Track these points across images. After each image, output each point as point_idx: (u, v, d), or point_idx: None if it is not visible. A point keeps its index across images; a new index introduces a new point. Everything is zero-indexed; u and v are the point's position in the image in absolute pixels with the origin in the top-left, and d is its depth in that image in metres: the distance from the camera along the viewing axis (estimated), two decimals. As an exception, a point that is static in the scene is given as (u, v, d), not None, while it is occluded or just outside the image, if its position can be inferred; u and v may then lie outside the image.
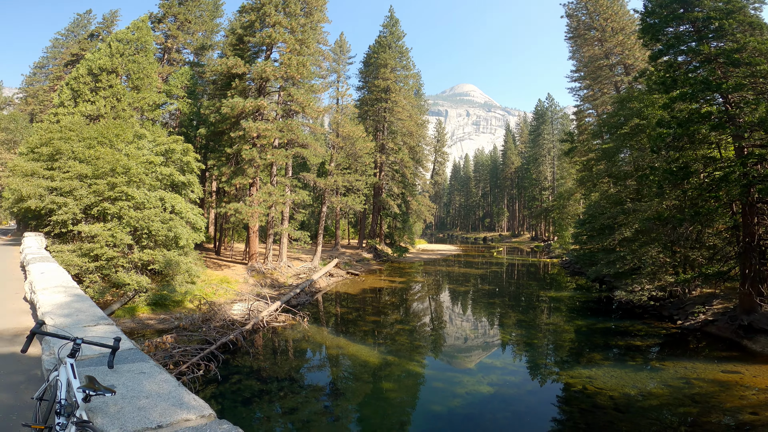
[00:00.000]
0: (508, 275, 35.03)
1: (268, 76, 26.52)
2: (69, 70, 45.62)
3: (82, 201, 16.78)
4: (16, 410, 3.42)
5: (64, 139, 20.28)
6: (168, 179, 21.36)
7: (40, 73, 52.99)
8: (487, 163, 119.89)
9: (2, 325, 5.61)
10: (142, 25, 31.10)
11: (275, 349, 14.45)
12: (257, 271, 26.03)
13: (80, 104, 27.45)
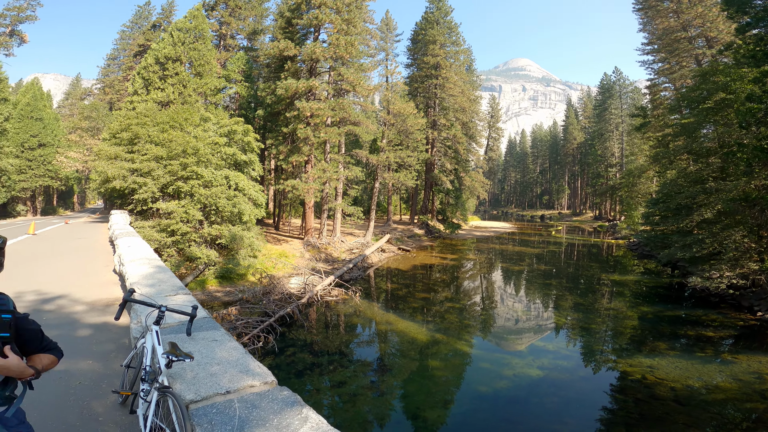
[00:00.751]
0: (566, 256, 33.48)
1: (318, 56, 26.90)
2: (138, 60, 49.22)
3: (159, 180, 18.40)
4: (105, 378, 3.59)
5: (140, 125, 22.17)
6: (231, 158, 22.68)
7: (113, 64, 57.55)
8: (546, 138, 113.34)
9: (95, 296, 6.22)
10: (198, 14, 32.69)
11: (327, 323, 14.99)
12: (312, 245, 27.20)
13: (151, 92, 29.77)
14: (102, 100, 52.94)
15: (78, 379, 3.51)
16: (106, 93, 54.11)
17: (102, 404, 3.13)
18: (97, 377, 3.60)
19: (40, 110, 45.65)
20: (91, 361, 3.89)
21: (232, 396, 2.36)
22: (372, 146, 42.30)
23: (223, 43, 40.31)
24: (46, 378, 3.43)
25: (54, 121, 47.76)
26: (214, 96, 32.62)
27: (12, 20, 41.40)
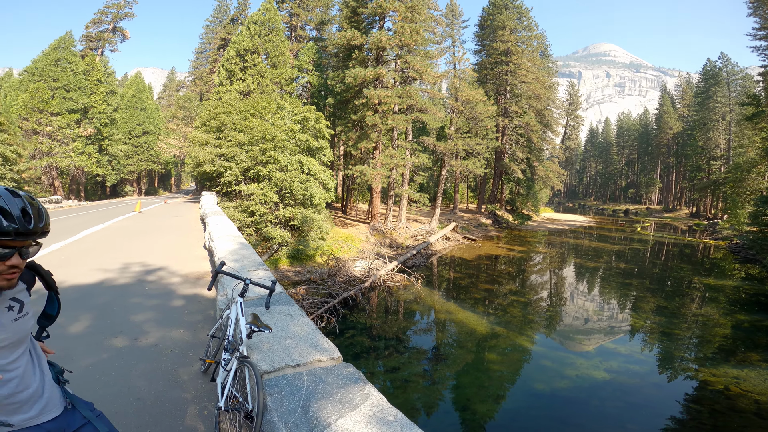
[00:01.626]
0: (653, 254, 30.45)
1: (384, 45, 27.00)
2: (221, 53, 52.93)
3: (241, 165, 19.98)
4: (192, 347, 3.82)
5: (226, 113, 24.11)
6: (304, 144, 23.81)
7: (201, 57, 62.40)
8: (634, 127, 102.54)
9: (188, 269, 6.96)
10: (270, 6, 34.34)
11: (387, 308, 15.15)
12: (378, 230, 27.78)
13: (234, 82, 32.15)
14: (193, 91, 57.95)
15: (170, 347, 3.81)
16: (196, 84, 59.07)
17: (187, 372, 3.34)
18: (185, 346, 3.86)
19: (144, 101, 51.45)
20: (183, 330, 4.23)
21: (302, 369, 2.49)
22: (439, 133, 41.64)
23: (294, 34, 42.05)
24: (145, 344, 3.88)
25: (155, 111, 53.64)
26: (288, 85, 34.35)
27: (113, 17, 46.75)
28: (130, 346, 3.76)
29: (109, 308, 4.83)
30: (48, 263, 7.08)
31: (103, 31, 45.96)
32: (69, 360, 3.40)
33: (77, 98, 36.14)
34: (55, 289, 1.63)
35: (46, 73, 34.96)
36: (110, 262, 7.20)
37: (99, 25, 45.78)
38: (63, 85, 35.25)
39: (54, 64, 35.60)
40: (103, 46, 45.75)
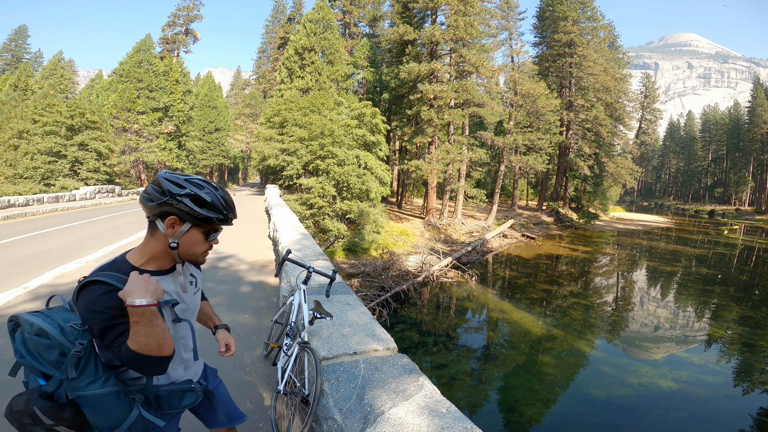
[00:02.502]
0: (741, 260, 27.19)
1: (437, 39, 26.62)
2: (281, 52, 55.10)
3: (302, 159, 20.84)
4: (256, 332, 4.00)
5: (287, 110, 25.20)
6: (361, 139, 24.25)
7: (263, 57, 65.37)
8: (723, 121, 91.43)
9: (254, 257, 7.46)
10: (323, 5, 35.09)
11: (439, 304, 14.96)
12: (433, 225, 27.61)
13: (294, 80, 33.45)
14: (257, 89, 61.12)
15: (237, 331, 4.05)
16: (260, 83, 62.17)
17: (250, 356, 3.51)
18: (250, 330, 4.06)
19: (214, 99, 55.27)
20: (248, 316, 4.50)
21: (358, 357, 2.54)
22: (497, 128, 40.27)
23: (348, 31, 42.67)
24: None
25: (224, 108, 57.46)
26: (344, 82, 35.09)
27: (184, 20, 50.39)
28: (204, 329, 4.09)
29: (187, 291, 5.30)
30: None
31: (177, 33, 49.83)
32: None
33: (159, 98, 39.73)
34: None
35: (131, 75, 38.78)
36: (187, 249, 7.90)
37: (173, 28, 49.70)
38: (146, 85, 38.90)
39: (137, 65, 39.37)
40: (177, 48, 49.70)
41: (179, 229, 1.28)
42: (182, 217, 1.27)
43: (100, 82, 45.50)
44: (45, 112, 25.51)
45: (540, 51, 41.93)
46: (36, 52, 62.61)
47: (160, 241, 1.28)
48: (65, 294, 4.23)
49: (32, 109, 26.22)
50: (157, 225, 1.27)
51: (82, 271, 6.16)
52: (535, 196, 54.91)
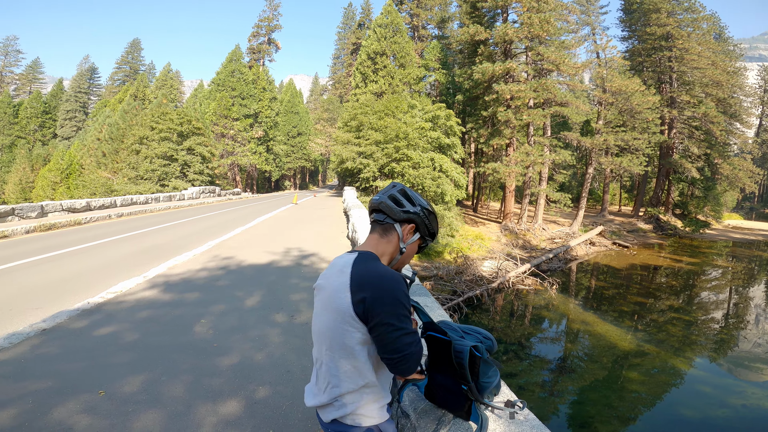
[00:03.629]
0: None
1: (511, 38, 25.60)
2: (354, 57, 56.77)
3: (378, 162, 21.39)
4: None
5: (363, 114, 25.99)
6: (436, 142, 24.16)
7: (338, 63, 67.96)
8: None
9: (334, 256, 8.03)
10: (391, 9, 35.41)
11: (513, 311, 14.40)
12: (510, 230, 26.52)
13: (368, 84, 34.40)
14: (334, 94, 63.83)
15: None
16: (336, 88, 64.86)
17: None
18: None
19: (296, 105, 58.95)
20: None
21: None
22: (584, 128, 37.34)
23: (417, 34, 42.77)
24: (298, 322, 4.46)
25: (305, 114, 61.03)
26: (416, 84, 35.26)
27: (266, 30, 54.27)
28: (287, 323, 4.38)
29: (275, 286, 5.77)
30: (233, 245, 8.87)
31: (261, 43, 54.01)
32: (243, 329, 4.15)
33: (250, 105, 43.53)
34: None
35: (226, 84, 42.99)
36: (276, 247, 8.62)
37: (257, 38, 53.96)
38: (239, 93, 42.87)
39: (231, 75, 43.54)
40: (262, 57, 53.90)
41: (411, 237, 1.40)
42: (418, 228, 1.41)
43: (202, 91, 50.93)
44: (160, 120, 29.43)
45: (630, 45, 38.44)
46: (149, 64, 72.35)
47: (392, 243, 1.39)
48: (176, 283, 4.83)
49: (150, 117, 30.41)
50: (396, 228, 1.38)
51: (191, 264, 7.03)
52: (629, 201, 49.97)
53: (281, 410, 2.71)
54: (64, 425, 2.41)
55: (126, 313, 4.51)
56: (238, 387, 2.96)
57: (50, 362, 3.27)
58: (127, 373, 3.09)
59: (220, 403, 2.74)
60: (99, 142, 38.09)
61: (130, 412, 2.58)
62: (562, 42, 26.99)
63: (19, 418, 2.45)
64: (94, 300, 4.93)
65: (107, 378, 3.01)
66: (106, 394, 2.79)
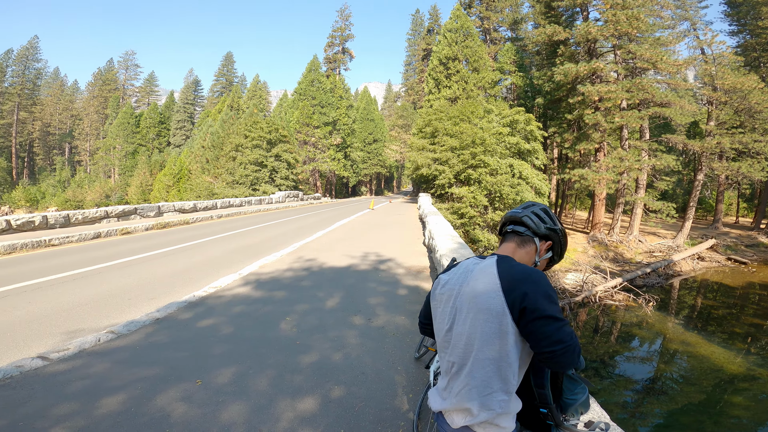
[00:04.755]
0: None
1: (595, 36, 23.54)
2: (426, 63, 56.56)
3: (453, 168, 21.10)
4: (410, 334, 4.13)
5: (438, 120, 25.82)
6: (515, 147, 23.15)
7: (410, 69, 68.12)
8: None
9: (410, 262, 7.83)
10: (460, 14, 34.43)
11: (598, 327, 13.24)
12: (599, 242, 24.34)
13: (441, 90, 34.05)
14: (407, 101, 64.31)
15: (393, 331, 4.28)
16: (409, 94, 65.25)
17: (402, 356, 3.64)
18: (405, 332, 4.21)
19: (372, 113, 60.44)
20: (404, 318, 4.72)
21: None
22: (691, 130, 33.00)
23: (488, 37, 41.54)
24: (375, 325, 4.48)
25: (380, 120, 62.32)
26: (492, 88, 34.13)
27: (340, 40, 56.24)
28: (365, 325, 4.45)
29: (353, 289, 5.91)
30: (315, 247, 9.34)
31: (336, 53, 56.28)
32: (323, 329, 4.30)
33: (329, 113, 45.68)
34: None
35: (307, 93, 45.57)
36: (354, 251, 8.90)
37: (332, 48, 56.32)
38: (318, 102, 45.20)
39: (310, 84, 46.05)
40: (338, 66, 56.17)
41: (545, 253, 1.46)
42: (554, 247, 1.46)
43: (286, 100, 54.55)
44: (252, 129, 32.25)
45: (741, 40, 33.65)
46: (241, 76, 79.45)
47: (529, 255, 1.44)
48: (266, 281, 5.13)
49: (243, 126, 33.48)
50: (535, 242, 1.43)
51: (279, 264, 7.54)
52: (749, 212, 42.96)
53: (354, 411, 2.75)
54: (163, 412, 2.64)
55: (223, 307, 4.96)
56: (315, 385, 3.07)
57: (160, 350, 3.66)
58: (221, 365, 3.36)
59: (298, 400, 2.85)
60: (203, 150, 42.96)
61: (219, 403, 2.78)
62: (657, 38, 24.35)
63: (127, 404, 2.73)
64: (198, 293, 5.51)
65: (205, 368, 3.30)
66: (203, 383, 3.05)
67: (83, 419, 2.51)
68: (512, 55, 34.60)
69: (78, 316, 4.74)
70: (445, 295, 1.36)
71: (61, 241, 9.69)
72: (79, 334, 4.17)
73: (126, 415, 2.59)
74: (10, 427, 2.40)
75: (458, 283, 1.33)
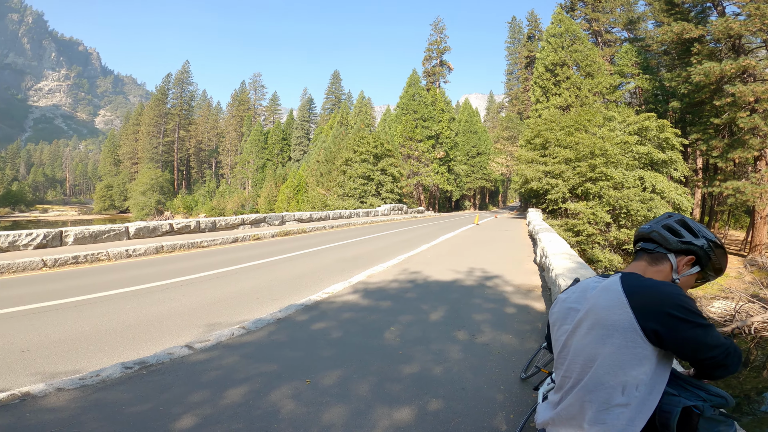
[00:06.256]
0: None
1: (738, 32, 20.15)
2: (529, 71, 53.14)
3: (568, 182, 19.44)
4: (517, 354, 4.00)
5: (548, 130, 24.08)
6: (645, 158, 20.43)
7: (512, 78, 64.68)
8: None
9: (519, 281, 7.38)
10: (562, 17, 31.87)
11: (749, 361, 10.81)
12: (759, 266, 19.97)
13: (551, 98, 31.75)
14: (512, 111, 61.38)
15: (498, 349, 4.11)
16: (514, 104, 62.22)
17: (506, 375, 3.51)
18: (511, 351, 4.07)
19: (474, 125, 59.11)
20: (511, 336, 4.51)
21: None
22: None
23: (600, 39, 38.00)
24: (479, 342, 4.32)
25: (484, 133, 60.64)
26: (611, 94, 30.83)
27: (437, 53, 55.78)
28: (468, 341, 4.34)
29: (458, 304, 5.80)
30: (420, 260, 9.44)
31: (434, 66, 56.25)
32: (426, 341, 4.28)
33: (431, 126, 46.06)
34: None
35: (409, 107, 46.59)
36: (459, 265, 8.74)
37: (430, 61, 56.41)
38: (420, 116, 45.87)
39: (412, 98, 46.96)
40: (437, 79, 56.13)
41: (687, 270, 1.32)
42: (699, 261, 1.31)
43: (390, 115, 56.65)
44: (360, 144, 34.25)
45: None
46: (347, 93, 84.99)
47: (661, 272, 1.33)
48: (373, 290, 5.37)
49: (352, 141, 35.74)
50: (669, 258, 1.31)
51: (385, 275, 7.78)
52: None
53: (449, 425, 2.69)
54: (274, 408, 2.85)
55: (334, 312, 5.29)
56: (413, 396, 3.07)
57: (278, 348, 4.02)
58: (328, 367, 3.56)
59: (396, 409, 2.87)
60: (317, 164, 47.10)
61: (323, 403, 2.92)
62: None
63: (246, 396, 3.01)
64: (313, 297, 5.98)
65: (314, 369, 3.52)
66: (311, 383, 3.25)
67: (210, 408, 2.83)
68: (633, 57, 31.19)
69: (217, 310, 5.51)
70: (563, 312, 1.32)
71: (209, 244, 11.52)
72: (217, 327, 4.81)
73: (244, 407, 2.85)
74: (152, 411, 2.77)
75: (578, 300, 1.28)
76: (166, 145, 79.97)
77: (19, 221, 58.85)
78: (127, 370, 3.36)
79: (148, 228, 11.68)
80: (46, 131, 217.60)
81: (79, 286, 6.55)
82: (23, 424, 2.53)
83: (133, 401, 2.88)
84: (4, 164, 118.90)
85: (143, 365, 3.47)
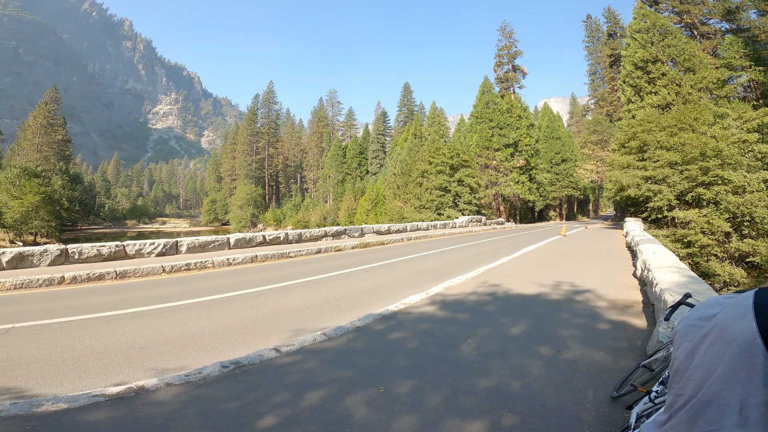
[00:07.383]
0: None
1: None
2: (615, 70, 48.33)
3: (675, 187, 17.28)
4: (609, 371, 3.77)
5: (646, 131, 21.65)
6: (776, 156, 17.34)
7: (596, 78, 58.93)
8: None
9: (615, 295, 6.75)
10: (645, 11, 29.39)
11: None
12: None
13: (645, 97, 28.70)
14: (600, 113, 56.27)
15: (587, 366, 3.85)
16: (601, 106, 56.98)
17: (595, 393, 3.30)
18: (602, 368, 3.82)
19: (557, 130, 55.31)
20: (603, 353, 4.20)
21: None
22: None
23: (696, 32, 33.74)
24: (565, 358, 4.03)
25: (568, 138, 56.44)
26: (720, 89, 27.00)
27: (508, 58, 52.85)
28: (552, 356, 4.11)
29: (542, 319, 5.47)
30: (500, 273, 9.07)
31: (506, 71, 53.60)
32: (505, 355, 4.12)
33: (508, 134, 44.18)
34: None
35: (483, 116, 45.15)
36: (543, 279, 8.23)
37: (501, 67, 53.83)
38: (496, 124, 44.21)
39: (486, 106, 45.43)
40: (511, 85, 53.46)
41: None
42: None
43: (464, 125, 55.50)
44: (436, 155, 34.13)
45: None
46: (419, 105, 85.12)
47: None
48: (450, 302, 5.28)
49: (427, 152, 35.73)
50: None
51: (463, 287, 7.63)
52: None
53: None
54: (348, 413, 2.92)
55: (411, 323, 5.32)
56: (487, 410, 2.98)
57: (356, 355, 4.15)
58: (403, 376, 3.59)
59: (467, 422, 2.81)
60: (394, 177, 47.98)
61: (395, 412, 2.95)
62: None
63: (323, 400, 3.11)
64: (391, 308, 6.08)
65: (388, 377, 3.58)
66: (385, 391, 3.30)
67: (290, 409, 3.00)
68: (739, 48, 27.96)
69: (302, 316, 5.88)
70: (685, 329, 1.19)
71: (295, 254, 12.38)
72: (301, 332, 5.13)
73: (320, 411, 2.98)
74: (240, 408, 3.01)
75: (703, 316, 1.16)
76: (258, 161, 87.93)
77: (143, 232, 68.96)
78: (224, 369, 3.73)
79: (245, 239, 12.95)
80: (163, 151, 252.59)
81: (189, 291, 7.47)
82: (134, 417, 2.87)
83: (226, 398, 3.17)
84: (130, 182, 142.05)
85: (237, 365, 3.82)
